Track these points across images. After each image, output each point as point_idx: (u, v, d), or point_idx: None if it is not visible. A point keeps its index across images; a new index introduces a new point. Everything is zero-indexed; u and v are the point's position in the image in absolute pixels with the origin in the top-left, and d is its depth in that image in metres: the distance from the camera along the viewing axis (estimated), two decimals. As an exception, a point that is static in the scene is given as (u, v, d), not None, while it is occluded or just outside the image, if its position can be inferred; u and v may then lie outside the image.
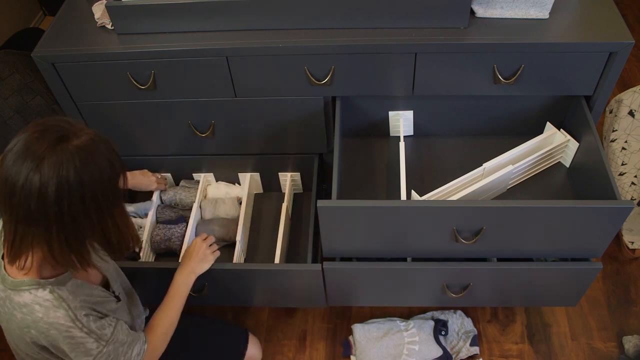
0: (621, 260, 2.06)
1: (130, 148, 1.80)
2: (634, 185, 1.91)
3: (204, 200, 1.87)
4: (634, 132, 1.86)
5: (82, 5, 1.65)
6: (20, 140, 0.94)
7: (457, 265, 1.50)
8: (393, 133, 1.76)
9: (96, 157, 0.97)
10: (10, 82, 1.81)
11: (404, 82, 1.53)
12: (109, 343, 1.08)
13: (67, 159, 0.93)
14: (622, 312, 1.93)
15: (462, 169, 1.61)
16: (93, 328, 1.05)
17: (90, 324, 1.05)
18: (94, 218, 0.99)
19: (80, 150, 0.95)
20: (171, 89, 1.59)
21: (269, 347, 1.90)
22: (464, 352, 1.82)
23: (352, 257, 1.59)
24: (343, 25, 1.47)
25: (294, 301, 1.71)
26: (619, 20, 1.44)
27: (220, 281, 1.58)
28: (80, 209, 0.96)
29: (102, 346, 1.06)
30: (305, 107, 1.63)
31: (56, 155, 0.92)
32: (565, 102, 1.61)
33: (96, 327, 1.06)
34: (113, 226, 1.03)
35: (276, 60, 1.49)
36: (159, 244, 1.74)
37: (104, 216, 1.00)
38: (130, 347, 1.13)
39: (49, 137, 0.94)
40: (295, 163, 1.85)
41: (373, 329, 1.84)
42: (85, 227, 0.99)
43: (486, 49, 1.43)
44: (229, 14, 1.47)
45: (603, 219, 1.34)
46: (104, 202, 0.99)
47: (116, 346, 1.10)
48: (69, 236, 0.98)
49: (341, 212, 1.37)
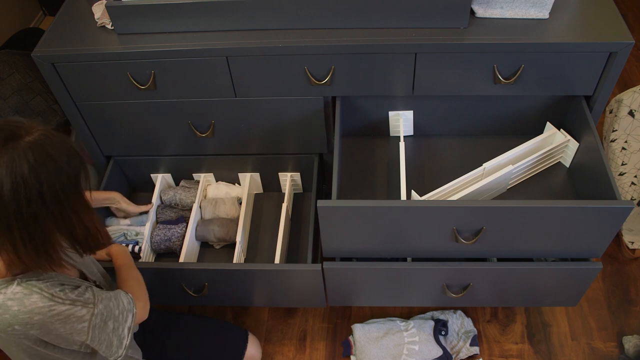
0: (621, 260, 2.06)
1: (130, 148, 1.80)
2: (634, 185, 1.91)
3: (204, 200, 1.87)
4: (634, 132, 1.86)
5: (82, 5, 1.65)
6: None
7: (457, 265, 1.50)
8: (393, 133, 1.76)
9: (51, 152, 0.94)
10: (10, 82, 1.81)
11: (404, 82, 1.53)
12: (96, 303, 1.06)
13: (19, 156, 0.91)
14: (622, 312, 1.93)
15: (462, 169, 1.61)
16: (73, 297, 1.03)
17: (69, 294, 1.03)
18: (56, 214, 0.96)
19: (33, 145, 0.92)
20: (171, 89, 1.59)
21: (269, 347, 1.90)
22: (464, 352, 1.82)
23: (352, 257, 1.59)
24: (343, 25, 1.47)
25: (294, 301, 1.71)
26: (619, 20, 1.44)
27: (220, 281, 1.58)
28: (40, 204, 0.93)
29: (91, 308, 1.05)
30: (305, 107, 1.63)
31: (7, 153, 0.90)
32: (565, 102, 1.61)
33: (76, 295, 1.04)
34: (78, 222, 1.01)
35: (276, 60, 1.49)
36: (159, 244, 1.74)
37: (67, 211, 0.98)
38: (117, 299, 1.13)
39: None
40: (295, 163, 1.85)
41: (373, 329, 1.84)
42: (49, 224, 0.97)
43: (486, 49, 1.43)
44: (229, 14, 1.47)
45: (603, 219, 1.34)
46: (64, 196, 0.96)
47: (105, 303, 1.09)
48: (33, 235, 0.96)
49: (341, 212, 1.37)
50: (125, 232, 1.75)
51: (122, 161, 1.86)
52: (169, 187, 1.90)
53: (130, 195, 1.97)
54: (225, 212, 1.83)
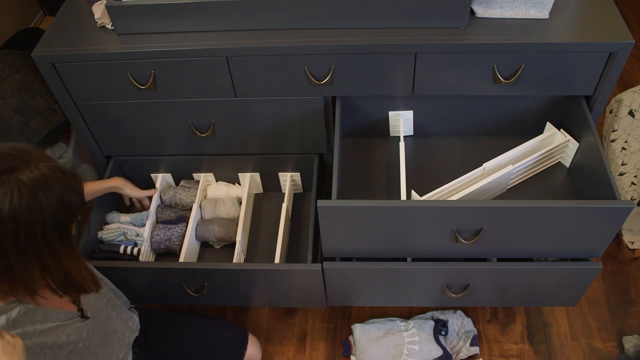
0: (621, 260, 2.06)
1: (130, 148, 1.80)
2: (634, 185, 1.91)
3: (204, 200, 1.87)
4: (634, 132, 1.86)
5: (82, 5, 1.65)
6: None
7: (457, 265, 1.50)
8: (393, 133, 1.76)
9: (41, 197, 0.90)
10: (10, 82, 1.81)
11: (404, 82, 1.53)
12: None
13: (5, 193, 0.87)
14: (622, 312, 1.93)
15: (462, 169, 1.61)
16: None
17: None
18: (32, 256, 0.92)
19: (24, 185, 0.88)
20: (171, 89, 1.59)
21: (269, 347, 1.90)
22: (464, 352, 1.82)
23: (352, 257, 1.59)
24: (343, 25, 1.47)
25: (294, 301, 1.71)
26: (619, 20, 1.44)
27: (220, 281, 1.58)
28: (13, 245, 0.90)
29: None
30: (305, 107, 1.63)
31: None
32: (565, 102, 1.61)
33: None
34: (57, 267, 0.96)
35: (276, 60, 1.49)
36: (159, 244, 1.74)
37: (44, 256, 0.94)
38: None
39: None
40: (295, 163, 1.85)
41: (373, 329, 1.84)
42: (24, 264, 0.92)
43: (486, 49, 1.43)
44: (229, 14, 1.47)
45: (603, 219, 1.34)
46: (44, 242, 0.92)
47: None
48: (12, 267, 0.92)
49: (341, 212, 1.37)
50: (125, 232, 1.75)
51: (122, 161, 1.86)
52: (169, 187, 1.90)
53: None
54: (225, 212, 1.83)
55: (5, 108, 1.78)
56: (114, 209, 1.83)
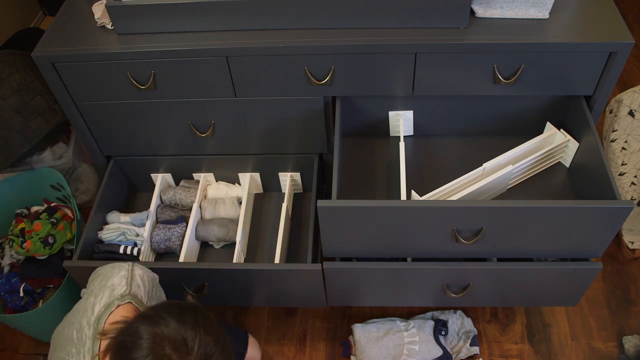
0: (621, 260, 2.06)
1: (130, 148, 1.80)
2: (634, 185, 1.91)
3: (204, 200, 1.87)
4: (634, 132, 1.86)
5: (82, 5, 1.65)
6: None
7: (457, 265, 1.50)
8: (393, 133, 1.76)
9: None
10: (10, 82, 1.81)
11: (404, 82, 1.53)
12: None
13: None
14: (622, 312, 1.93)
15: (462, 169, 1.61)
16: None
17: None
18: None
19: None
20: (171, 89, 1.59)
21: (269, 347, 1.90)
22: (464, 352, 1.82)
23: (352, 257, 1.59)
24: (343, 25, 1.47)
25: (294, 301, 1.71)
26: (619, 20, 1.44)
27: (220, 281, 1.58)
28: None
29: None
30: (305, 107, 1.63)
31: None
32: (565, 102, 1.61)
33: None
34: None
35: (276, 60, 1.49)
36: (159, 244, 1.74)
37: None
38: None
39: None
40: (295, 163, 1.85)
41: (373, 329, 1.84)
42: None
43: (486, 49, 1.43)
44: (229, 14, 1.47)
45: (603, 219, 1.34)
46: None
47: None
48: None
49: (341, 212, 1.37)
50: (125, 232, 1.75)
51: (122, 161, 1.86)
52: (169, 187, 1.90)
53: (130, 195, 1.97)
54: (225, 212, 1.83)
55: (5, 108, 1.78)
56: (114, 208, 1.83)
